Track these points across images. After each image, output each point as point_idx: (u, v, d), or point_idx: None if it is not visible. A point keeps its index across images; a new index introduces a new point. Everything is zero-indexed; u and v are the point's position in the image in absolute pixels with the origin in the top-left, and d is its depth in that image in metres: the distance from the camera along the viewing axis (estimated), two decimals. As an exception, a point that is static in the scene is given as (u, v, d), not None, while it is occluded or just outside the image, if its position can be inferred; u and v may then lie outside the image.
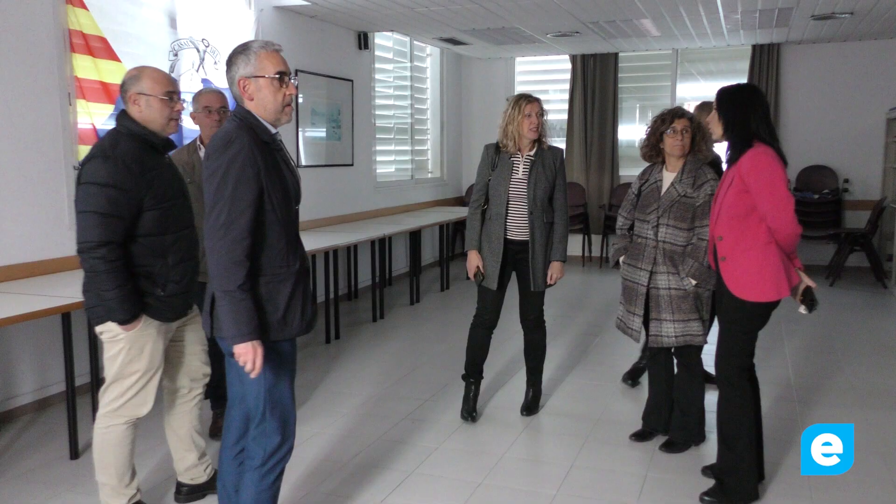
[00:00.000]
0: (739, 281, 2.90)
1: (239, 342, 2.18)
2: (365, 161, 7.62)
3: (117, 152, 2.57)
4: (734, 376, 2.99)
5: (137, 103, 2.66)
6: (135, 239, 2.61)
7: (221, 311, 2.19)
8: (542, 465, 3.47)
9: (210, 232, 2.18)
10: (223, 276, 2.16)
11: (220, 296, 2.18)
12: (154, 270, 2.66)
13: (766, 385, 3.60)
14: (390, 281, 7.70)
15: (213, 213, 2.17)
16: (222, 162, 2.17)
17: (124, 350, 2.68)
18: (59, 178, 4.27)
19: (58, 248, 4.25)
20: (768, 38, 8.02)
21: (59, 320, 3.49)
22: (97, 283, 2.57)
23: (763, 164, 2.81)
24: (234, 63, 2.28)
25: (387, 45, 8.12)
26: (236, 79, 2.27)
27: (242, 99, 2.29)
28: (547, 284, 3.89)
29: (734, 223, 2.90)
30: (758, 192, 2.82)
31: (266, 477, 2.39)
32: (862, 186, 8.34)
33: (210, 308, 2.30)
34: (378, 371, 4.90)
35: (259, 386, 2.32)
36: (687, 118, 3.40)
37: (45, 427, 3.93)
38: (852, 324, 6.10)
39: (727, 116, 2.93)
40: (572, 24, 7.18)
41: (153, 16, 4.91)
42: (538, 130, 3.73)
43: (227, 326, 2.18)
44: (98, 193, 2.52)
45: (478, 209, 3.88)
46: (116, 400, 2.75)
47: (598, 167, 9.23)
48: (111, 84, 4.49)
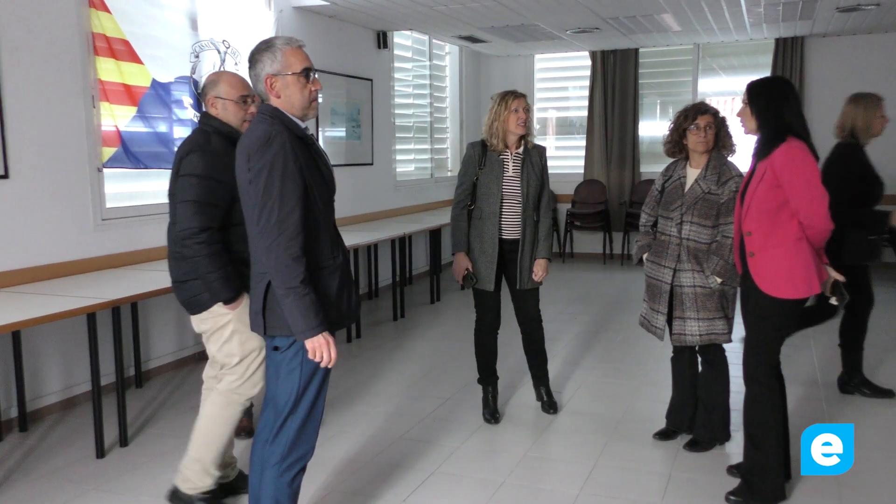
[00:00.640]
0: (770, 277, 2.86)
1: (310, 335, 2.20)
2: (385, 160, 7.63)
3: (211, 147, 2.83)
4: (762, 375, 2.94)
5: (215, 106, 2.93)
6: (229, 227, 2.82)
7: (288, 309, 2.19)
8: (565, 465, 3.45)
9: (264, 232, 2.18)
10: (285, 273, 2.17)
11: (285, 293, 2.18)
12: (247, 256, 2.72)
13: (792, 383, 3.54)
14: (411, 280, 7.71)
15: (264, 212, 2.17)
16: (266, 161, 2.17)
17: (236, 332, 2.85)
18: (84, 179, 4.32)
19: (83, 249, 4.30)
20: (792, 31, 7.91)
21: (85, 321, 3.53)
22: (201, 267, 2.75)
23: (798, 159, 2.77)
24: (259, 60, 2.28)
25: (406, 44, 8.12)
26: (262, 76, 2.28)
27: (268, 96, 2.30)
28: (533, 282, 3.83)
29: (764, 218, 2.85)
30: (792, 188, 2.77)
31: (285, 474, 2.38)
32: (889, 180, 8.14)
33: (262, 308, 2.31)
34: (399, 370, 4.91)
35: (293, 383, 2.33)
36: (711, 114, 3.35)
37: (71, 426, 3.98)
38: (882, 320, 5.98)
39: (761, 109, 2.88)
40: (592, 20, 7.13)
41: (175, 18, 4.95)
42: (525, 126, 3.70)
43: (295, 322, 2.19)
44: (197, 184, 2.76)
45: (464, 209, 3.80)
46: (238, 379, 2.90)
47: (619, 164, 9.16)
48: (134, 86, 4.53)
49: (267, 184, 2.16)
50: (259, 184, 2.17)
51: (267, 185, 2.16)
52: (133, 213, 4.70)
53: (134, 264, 4.55)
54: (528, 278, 3.80)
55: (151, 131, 4.70)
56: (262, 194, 2.16)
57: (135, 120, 4.57)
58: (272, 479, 2.38)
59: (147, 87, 4.62)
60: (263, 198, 2.16)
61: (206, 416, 2.93)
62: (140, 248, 4.65)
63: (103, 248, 4.43)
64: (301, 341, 2.24)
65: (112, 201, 4.58)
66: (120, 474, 3.39)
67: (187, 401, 4.36)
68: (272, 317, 2.29)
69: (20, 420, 3.92)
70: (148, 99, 4.64)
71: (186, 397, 4.43)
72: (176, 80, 4.86)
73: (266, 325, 2.31)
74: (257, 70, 2.28)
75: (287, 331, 2.26)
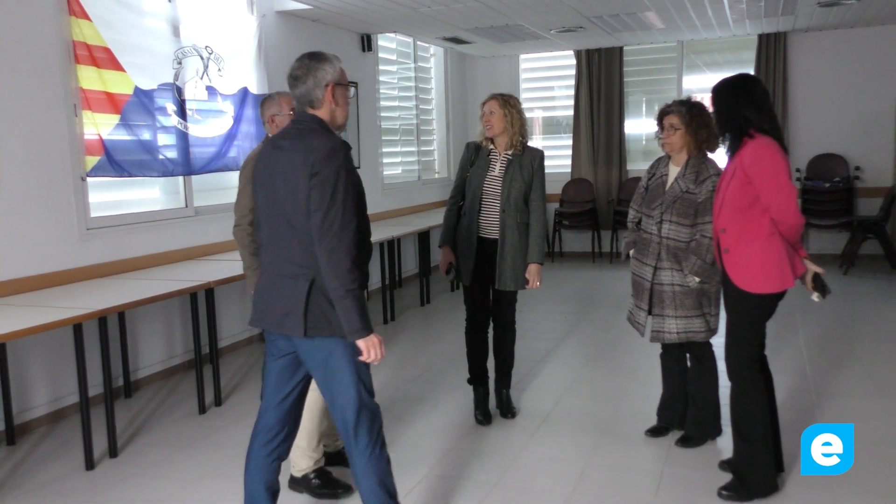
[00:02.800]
0: (743, 273, 2.89)
1: (364, 335, 2.31)
2: (372, 163, 7.62)
3: None
4: (746, 368, 2.97)
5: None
6: None
7: (345, 310, 2.28)
8: (558, 464, 3.44)
9: (326, 236, 2.26)
10: (346, 276, 2.27)
11: (343, 295, 2.27)
12: None
13: (782, 375, 3.57)
14: (400, 283, 7.69)
15: (328, 218, 2.25)
16: (333, 169, 2.26)
17: None
18: (68, 189, 4.28)
19: (69, 259, 4.26)
20: (774, 26, 7.95)
21: (71, 332, 3.50)
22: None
23: (765, 156, 2.79)
24: (320, 69, 2.36)
25: (390, 46, 8.11)
26: (324, 83, 2.36)
27: (320, 105, 2.38)
28: (524, 286, 3.81)
29: (737, 215, 2.89)
30: (760, 184, 2.80)
31: (383, 450, 2.47)
32: (873, 173, 8.26)
33: (303, 309, 2.33)
34: (390, 373, 4.89)
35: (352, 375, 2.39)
36: (675, 114, 3.35)
37: (59, 439, 3.94)
38: (867, 311, 6.03)
39: (717, 109, 2.97)
40: (576, 20, 7.15)
41: (156, 24, 4.92)
42: (493, 127, 3.74)
43: (352, 323, 2.29)
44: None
45: (454, 205, 3.90)
46: None
47: (606, 162, 9.18)
48: (116, 94, 4.50)
49: (334, 191, 2.25)
50: (326, 190, 2.25)
51: (334, 192, 2.25)
52: (119, 221, 4.67)
53: (121, 273, 4.52)
54: (507, 279, 3.78)
55: (135, 139, 4.67)
56: (328, 201, 2.25)
57: (118, 128, 4.53)
58: (372, 464, 2.43)
59: (130, 95, 4.59)
60: (329, 204, 2.25)
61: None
62: (127, 257, 4.62)
63: (89, 258, 4.39)
64: (351, 341, 2.32)
65: (97, 210, 4.55)
66: (110, 486, 3.36)
67: (177, 410, 4.33)
68: (314, 318, 2.34)
69: (7, 433, 3.88)
70: (131, 107, 4.60)
71: (176, 406, 4.40)
72: (159, 87, 4.82)
73: (307, 326, 2.34)
74: (318, 77, 2.36)
75: (330, 331, 2.34)
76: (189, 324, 4.85)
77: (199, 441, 3.86)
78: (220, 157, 5.37)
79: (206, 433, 3.96)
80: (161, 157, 4.86)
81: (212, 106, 5.30)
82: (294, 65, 2.41)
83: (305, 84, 2.37)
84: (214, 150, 5.32)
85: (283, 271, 2.38)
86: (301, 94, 2.38)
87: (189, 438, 3.89)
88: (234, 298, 5.52)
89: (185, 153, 5.06)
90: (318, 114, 2.39)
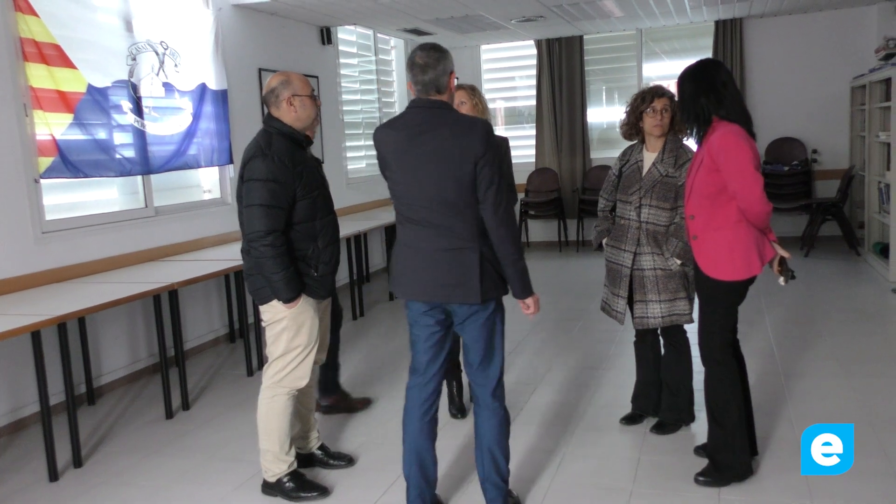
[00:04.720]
0: (710, 260, 2.91)
1: (532, 293, 2.69)
2: (335, 157, 7.52)
3: (273, 150, 2.90)
4: (718, 353, 2.98)
5: (293, 104, 2.98)
6: (291, 226, 2.96)
7: (520, 272, 2.62)
8: (534, 455, 3.43)
9: (498, 209, 2.54)
10: (517, 242, 2.61)
11: (518, 258, 2.60)
12: (308, 254, 3.01)
13: (751, 358, 3.60)
14: (368, 278, 7.62)
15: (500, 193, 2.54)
16: (494, 149, 2.58)
17: (288, 328, 3.00)
18: (20, 191, 4.13)
19: (24, 265, 4.12)
20: (730, 13, 8.04)
21: (29, 339, 3.37)
22: (265, 268, 2.89)
23: (731, 144, 2.79)
24: (446, 58, 2.62)
25: (350, 39, 8.01)
26: (449, 71, 2.62)
27: (444, 90, 2.62)
28: None
29: (705, 202, 2.90)
30: (726, 172, 2.81)
31: (508, 411, 2.82)
32: (830, 156, 8.42)
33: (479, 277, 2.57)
34: (360, 369, 4.84)
35: (500, 335, 2.77)
36: (667, 97, 3.36)
37: (21, 450, 3.81)
38: (829, 292, 6.15)
39: (679, 98, 2.98)
40: (536, 9, 7.13)
41: (108, 20, 4.77)
42: None
43: (524, 284, 2.65)
44: (261, 188, 2.86)
45: None
46: (279, 373, 3.05)
47: (570, 151, 9.21)
48: (69, 92, 4.35)
49: (499, 168, 2.55)
50: (494, 168, 2.52)
51: (499, 169, 2.55)
52: (75, 224, 4.52)
53: (80, 277, 4.38)
54: None
55: (90, 139, 4.52)
56: (498, 177, 2.53)
57: (72, 127, 4.38)
58: (504, 427, 2.78)
59: (83, 93, 4.44)
60: (498, 180, 2.53)
61: (259, 411, 3.11)
62: (85, 260, 4.48)
63: (45, 263, 4.25)
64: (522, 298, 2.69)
65: (53, 213, 4.40)
66: (75, 496, 3.26)
67: (143, 415, 4.22)
68: (487, 284, 2.59)
69: (-34, 447, 3.75)
70: (84, 105, 4.46)
71: (142, 412, 4.29)
72: (113, 84, 4.68)
73: (483, 291, 2.58)
74: (445, 66, 2.60)
75: (496, 293, 2.65)
76: (153, 327, 4.73)
77: (167, 447, 3.76)
78: (180, 155, 5.24)
79: (174, 438, 3.87)
80: (118, 156, 4.71)
81: (169, 103, 5.16)
82: (419, 54, 2.61)
83: (435, 70, 2.58)
84: (173, 148, 5.19)
85: (445, 245, 2.57)
86: (430, 80, 2.59)
87: (157, 444, 3.79)
88: (198, 300, 5.41)
89: (143, 152, 4.92)
90: (443, 98, 2.62)
